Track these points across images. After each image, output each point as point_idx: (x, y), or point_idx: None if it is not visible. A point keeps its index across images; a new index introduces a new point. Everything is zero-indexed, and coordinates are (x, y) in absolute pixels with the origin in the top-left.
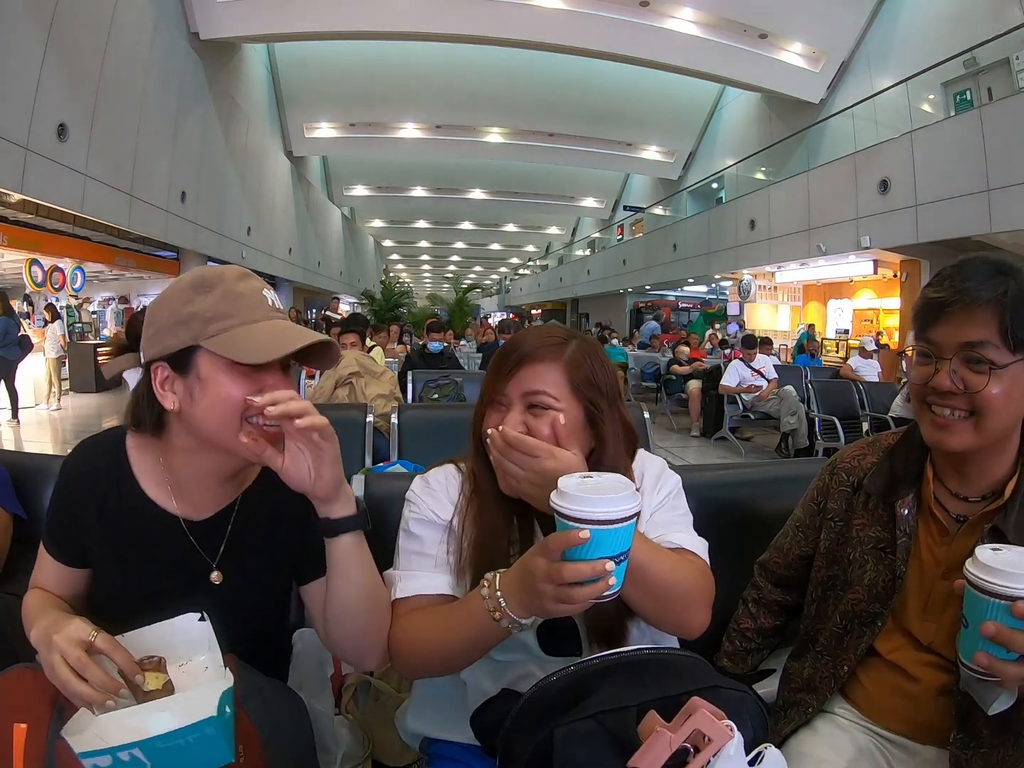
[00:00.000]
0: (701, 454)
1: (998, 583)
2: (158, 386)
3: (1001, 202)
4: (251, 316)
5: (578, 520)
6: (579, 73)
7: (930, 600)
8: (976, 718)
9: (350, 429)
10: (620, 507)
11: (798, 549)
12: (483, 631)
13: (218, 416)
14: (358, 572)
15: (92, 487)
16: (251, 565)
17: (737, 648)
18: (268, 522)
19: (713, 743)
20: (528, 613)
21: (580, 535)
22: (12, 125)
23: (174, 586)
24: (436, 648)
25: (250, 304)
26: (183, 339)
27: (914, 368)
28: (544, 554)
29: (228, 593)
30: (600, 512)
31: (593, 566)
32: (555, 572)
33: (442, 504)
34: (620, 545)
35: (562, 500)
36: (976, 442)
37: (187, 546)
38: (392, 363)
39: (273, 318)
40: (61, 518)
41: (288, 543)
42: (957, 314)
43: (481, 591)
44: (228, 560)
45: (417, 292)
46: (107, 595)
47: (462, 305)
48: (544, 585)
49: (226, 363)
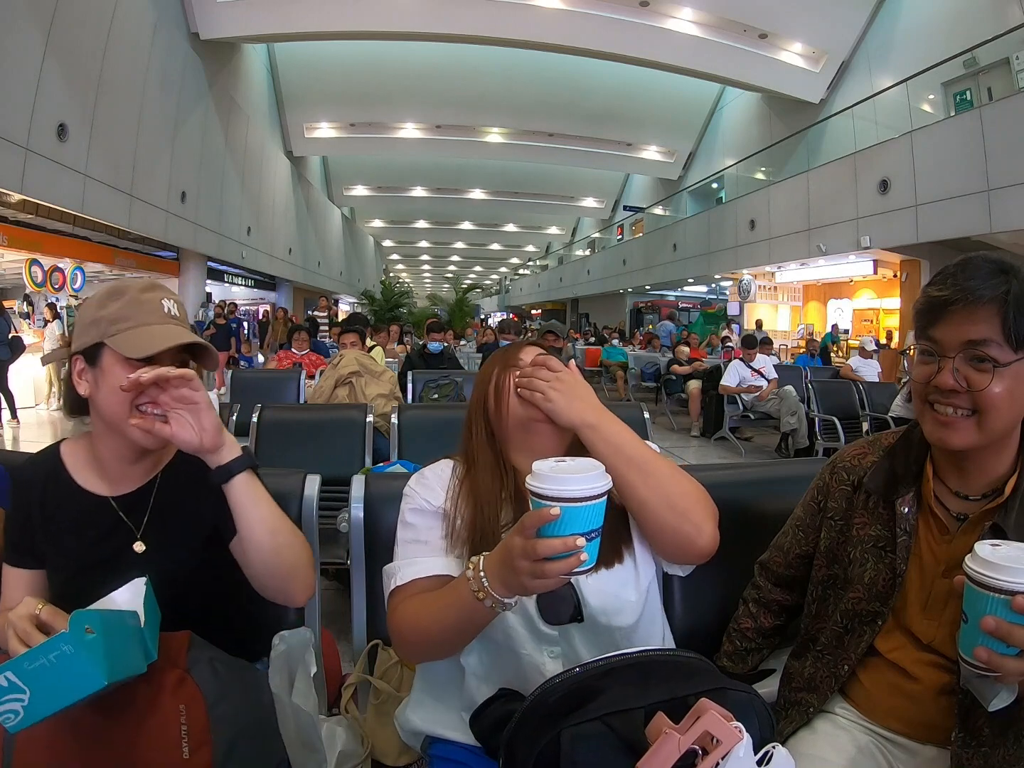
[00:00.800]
0: (701, 454)
1: (997, 577)
2: (75, 375)
3: (1001, 202)
4: (146, 320)
5: (550, 498)
6: (579, 73)
7: (930, 598)
8: (977, 717)
9: (350, 429)
10: (590, 485)
11: (798, 548)
12: (470, 612)
13: (113, 402)
14: (258, 508)
15: (34, 490)
16: (173, 534)
17: (737, 648)
18: (188, 492)
19: (723, 745)
20: (510, 592)
21: (551, 512)
22: (12, 125)
23: (102, 557)
24: (432, 631)
25: (148, 310)
26: (93, 336)
27: (916, 366)
28: (520, 532)
29: (151, 561)
30: (570, 490)
31: (565, 541)
32: (530, 548)
33: (434, 492)
34: (591, 522)
35: (535, 480)
36: (978, 440)
37: (114, 519)
38: (392, 363)
39: (166, 323)
40: (18, 523)
41: (207, 508)
42: (960, 312)
43: (467, 573)
44: (151, 531)
45: (417, 292)
46: (55, 578)
47: (462, 305)
48: (520, 562)
49: (121, 357)
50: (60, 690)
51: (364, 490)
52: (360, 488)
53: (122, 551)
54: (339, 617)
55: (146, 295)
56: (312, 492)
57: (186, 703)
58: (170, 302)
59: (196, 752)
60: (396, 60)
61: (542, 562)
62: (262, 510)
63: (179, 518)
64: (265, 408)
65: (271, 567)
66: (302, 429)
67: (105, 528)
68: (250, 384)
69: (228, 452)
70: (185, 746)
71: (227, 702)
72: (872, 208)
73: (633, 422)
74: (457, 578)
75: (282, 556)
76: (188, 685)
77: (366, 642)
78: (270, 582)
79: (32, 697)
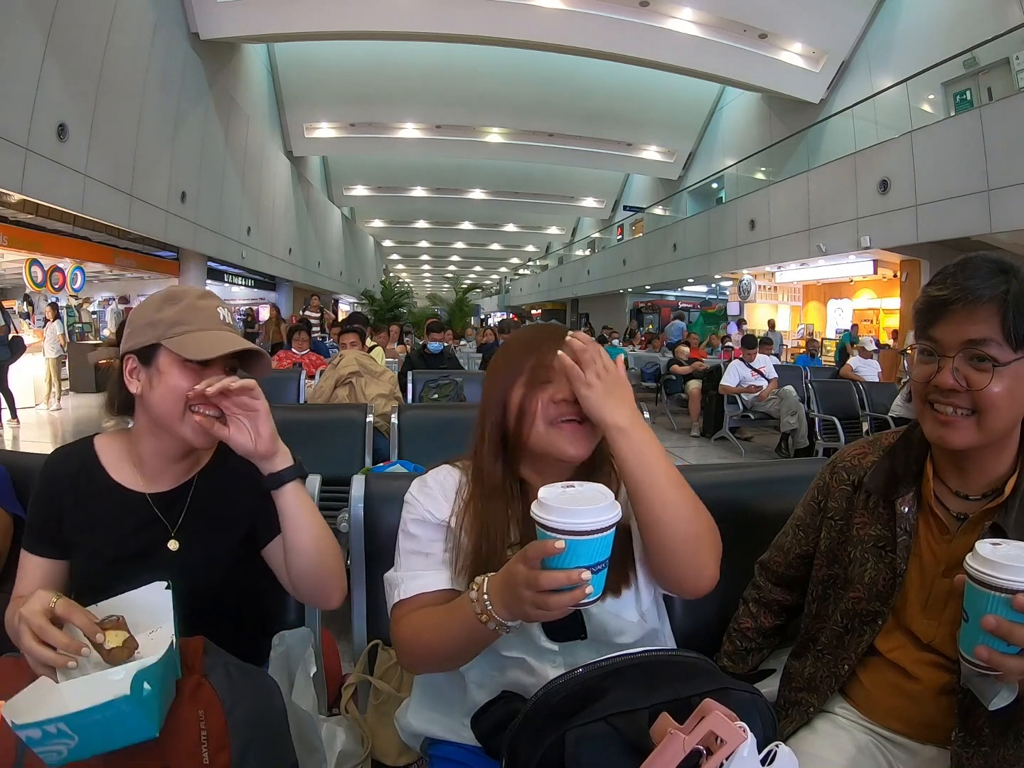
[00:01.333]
0: (701, 454)
1: (998, 576)
2: (127, 374)
3: (1001, 202)
4: (204, 326)
5: (555, 531)
6: (579, 73)
7: (931, 598)
8: (978, 716)
9: (350, 429)
10: (597, 518)
11: (799, 548)
12: (473, 632)
13: (168, 402)
14: (306, 517)
15: (67, 481)
16: (208, 535)
17: (737, 648)
18: (225, 495)
19: (727, 745)
20: (512, 616)
21: (556, 545)
22: (12, 125)
23: (136, 552)
24: (434, 647)
25: (205, 316)
26: (149, 337)
27: (916, 366)
28: (524, 561)
29: (184, 561)
30: (577, 524)
31: (569, 575)
32: (533, 579)
33: (438, 503)
34: (598, 555)
35: (541, 510)
36: (978, 439)
37: (150, 516)
38: (392, 363)
39: (221, 329)
40: (45, 512)
41: (244, 511)
42: (960, 312)
43: (470, 594)
44: (186, 530)
45: (417, 292)
46: (82, 570)
47: (462, 305)
48: (523, 591)
49: (179, 360)
50: (110, 739)
51: (364, 490)
52: (360, 488)
53: (156, 547)
54: (339, 617)
55: (202, 302)
56: (312, 492)
57: (204, 708)
58: (224, 310)
59: (215, 757)
60: (396, 60)
61: (546, 594)
62: (308, 518)
63: (215, 520)
64: None
65: (312, 571)
66: (302, 429)
67: (140, 523)
68: None
69: (281, 460)
70: (205, 751)
71: (242, 707)
72: (872, 208)
73: None
74: (460, 597)
75: (323, 561)
76: (206, 690)
77: (366, 642)
78: (308, 584)
79: (80, 743)
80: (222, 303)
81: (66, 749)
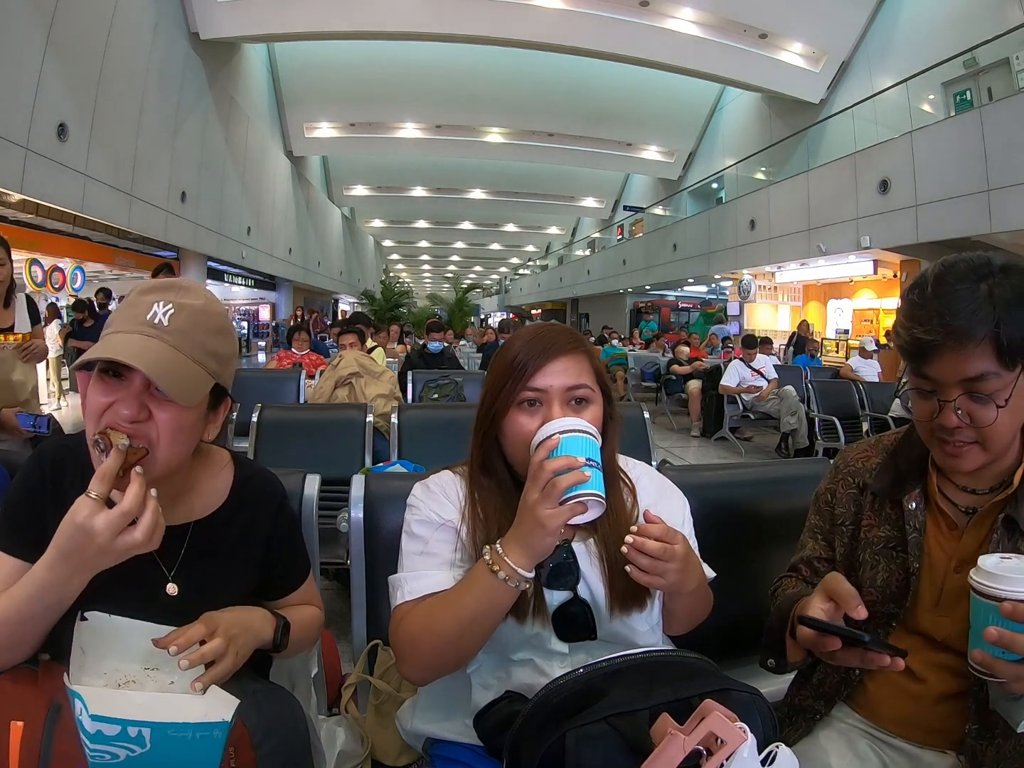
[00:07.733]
0: (701, 454)
1: (997, 587)
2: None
3: (1001, 202)
4: (122, 327)
5: (551, 435)
6: (579, 73)
7: (943, 595)
8: (991, 711)
9: (350, 429)
10: (579, 425)
11: (822, 553)
12: (488, 594)
13: (86, 415)
14: (294, 646)
15: (56, 476)
16: (210, 579)
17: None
18: (233, 540)
19: (727, 745)
20: (528, 555)
21: (551, 440)
22: (12, 125)
23: (128, 595)
24: (446, 629)
25: (130, 316)
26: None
27: (914, 402)
28: (531, 476)
29: (184, 607)
30: (563, 425)
31: (568, 459)
32: (538, 468)
33: (442, 504)
34: (587, 451)
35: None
36: (987, 460)
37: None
38: (392, 363)
39: (133, 332)
40: (29, 504)
41: (252, 562)
42: (951, 350)
43: (484, 557)
44: (185, 573)
45: (417, 292)
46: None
47: (462, 305)
48: (532, 494)
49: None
50: (174, 762)
51: (364, 490)
52: (360, 488)
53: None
54: (339, 617)
55: (143, 297)
56: (312, 492)
57: (235, 745)
58: (165, 307)
59: None
60: (396, 60)
61: (553, 483)
62: (298, 644)
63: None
64: (265, 408)
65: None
66: (302, 429)
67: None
68: (250, 384)
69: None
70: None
71: (269, 740)
72: (872, 208)
73: (633, 422)
74: (473, 568)
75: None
76: (236, 726)
77: (366, 642)
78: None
79: (145, 755)
80: (174, 297)
81: (125, 756)
